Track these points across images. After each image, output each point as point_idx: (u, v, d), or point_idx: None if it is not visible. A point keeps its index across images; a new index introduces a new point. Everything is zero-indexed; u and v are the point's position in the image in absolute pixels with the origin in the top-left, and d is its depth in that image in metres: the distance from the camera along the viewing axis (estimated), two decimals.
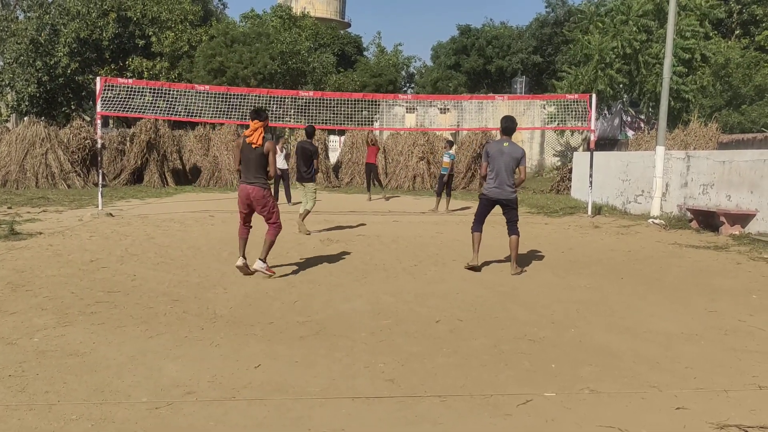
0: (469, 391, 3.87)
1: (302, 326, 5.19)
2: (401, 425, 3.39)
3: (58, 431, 3.23)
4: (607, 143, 30.02)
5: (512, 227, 7.70)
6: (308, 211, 10.97)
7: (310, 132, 11.04)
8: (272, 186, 15.74)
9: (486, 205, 7.88)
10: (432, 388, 3.90)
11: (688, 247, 9.77)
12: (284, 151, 16.87)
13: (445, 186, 15.14)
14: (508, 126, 7.82)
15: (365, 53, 51.55)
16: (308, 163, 10.61)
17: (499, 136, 8.02)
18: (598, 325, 5.39)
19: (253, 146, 6.99)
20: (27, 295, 5.98)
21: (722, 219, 11.13)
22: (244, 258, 7.11)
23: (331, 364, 4.29)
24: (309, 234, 10.57)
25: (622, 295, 6.55)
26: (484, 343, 4.82)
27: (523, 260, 8.48)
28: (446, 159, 15.20)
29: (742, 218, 11.06)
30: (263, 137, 7.05)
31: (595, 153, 14.86)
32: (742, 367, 4.35)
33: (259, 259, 7.05)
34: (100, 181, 13.51)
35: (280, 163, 16.24)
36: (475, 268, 7.64)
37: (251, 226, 7.36)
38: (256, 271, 7.04)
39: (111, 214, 12.68)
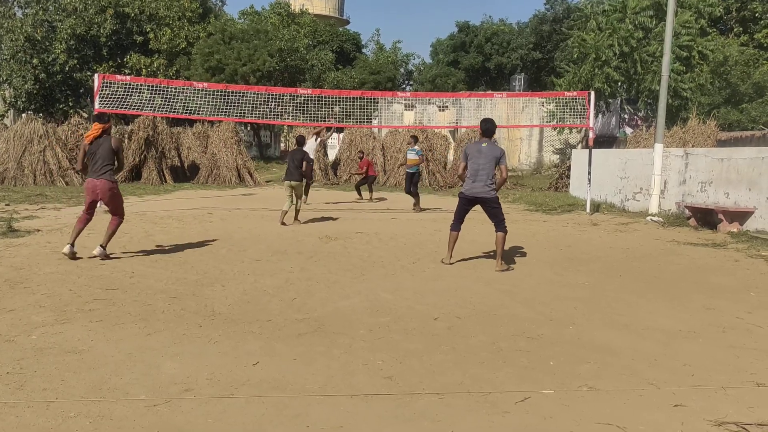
0: (467, 388, 3.87)
1: (300, 323, 5.18)
2: (399, 422, 3.39)
3: (57, 428, 3.22)
4: (605, 141, 30.02)
5: (498, 225, 7.71)
6: (297, 211, 11.79)
7: (300, 141, 12.14)
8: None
9: (464, 204, 7.93)
10: (430, 385, 3.91)
11: (686, 245, 9.78)
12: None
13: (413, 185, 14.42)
14: (488, 128, 7.95)
15: (364, 50, 51.53)
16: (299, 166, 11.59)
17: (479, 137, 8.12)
18: (596, 322, 5.39)
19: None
20: (25, 292, 5.97)
21: (720, 216, 11.14)
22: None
23: (330, 362, 4.29)
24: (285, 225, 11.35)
25: (621, 292, 6.56)
26: (482, 340, 4.82)
27: (521, 257, 8.49)
28: (413, 156, 14.56)
29: (740, 216, 11.07)
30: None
31: (593, 150, 14.86)
32: (740, 365, 4.35)
33: (100, 245, 7.82)
34: None
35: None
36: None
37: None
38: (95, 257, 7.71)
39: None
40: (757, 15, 30.23)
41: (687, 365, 4.32)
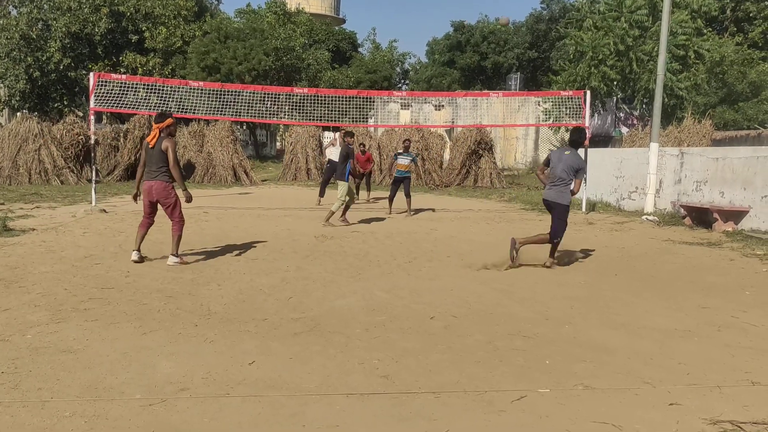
0: (464, 387, 3.87)
1: (296, 323, 5.18)
2: (395, 421, 3.39)
3: (52, 428, 3.21)
4: (600, 140, 30.07)
5: (553, 233, 7.72)
6: (332, 212, 11.31)
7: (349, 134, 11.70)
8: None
9: (545, 206, 8.11)
10: (426, 384, 3.91)
11: (682, 244, 9.80)
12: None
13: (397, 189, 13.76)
14: (574, 139, 8.01)
15: (360, 49, 51.47)
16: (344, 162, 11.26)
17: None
18: (592, 321, 5.40)
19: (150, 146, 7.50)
20: (20, 291, 5.95)
21: (715, 216, 11.18)
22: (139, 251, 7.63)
23: (326, 361, 4.28)
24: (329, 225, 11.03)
25: (617, 291, 6.57)
26: (478, 339, 4.83)
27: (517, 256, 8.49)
28: (405, 162, 13.67)
29: (735, 215, 11.11)
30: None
31: (589, 150, 14.88)
32: (735, 363, 4.36)
33: (171, 254, 7.60)
34: (94, 177, 13.45)
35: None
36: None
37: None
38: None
39: (104, 211, 12.63)
40: (751, 15, 30.31)
41: (682, 364, 4.34)
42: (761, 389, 3.90)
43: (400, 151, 14.34)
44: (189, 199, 7.66)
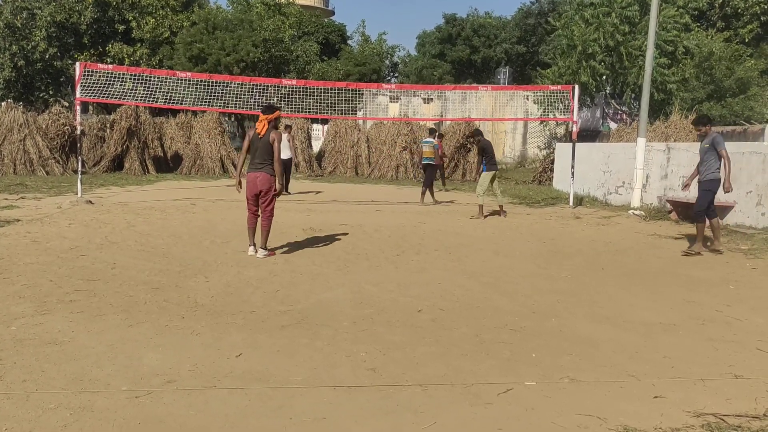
0: (451, 380, 3.89)
1: (284, 315, 5.17)
2: (382, 414, 3.40)
3: (36, 420, 3.19)
4: (588, 134, 30.18)
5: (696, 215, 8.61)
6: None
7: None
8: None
9: None
10: (413, 377, 3.92)
11: (668, 239, 9.88)
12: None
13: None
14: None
15: (349, 42, 51.25)
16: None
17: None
18: (578, 315, 5.43)
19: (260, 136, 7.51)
20: (4, 282, 5.89)
21: None
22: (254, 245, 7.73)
23: (313, 354, 4.29)
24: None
25: (603, 285, 6.62)
26: (465, 332, 4.84)
27: (505, 251, 8.52)
28: (428, 148, 15.07)
29: (720, 210, 11.18)
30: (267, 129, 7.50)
31: (577, 144, 14.94)
32: (718, 357, 4.41)
33: (260, 247, 7.66)
34: (80, 168, 13.32)
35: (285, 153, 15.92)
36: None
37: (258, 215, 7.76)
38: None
39: (90, 202, 12.53)
40: (739, 11, 30.47)
41: (667, 357, 4.38)
42: (744, 382, 3.94)
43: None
44: (280, 193, 7.73)
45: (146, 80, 14.93)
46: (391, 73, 55.49)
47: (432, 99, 34.39)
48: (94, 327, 4.68)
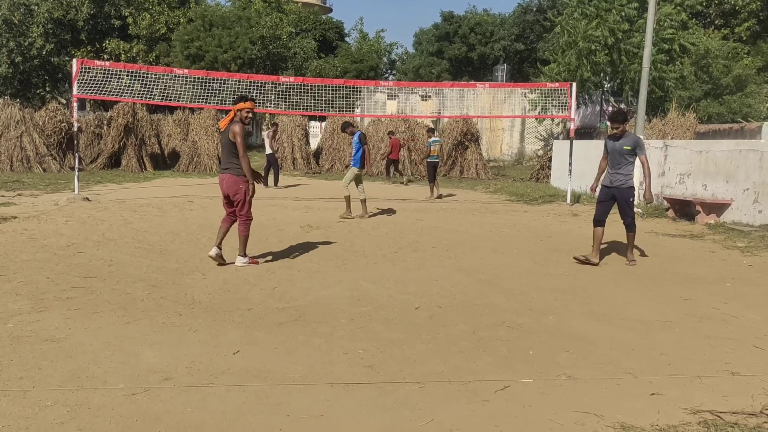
0: (448, 377, 3.89)
1: (281, 312, 5.17)
2: (380, 411, 3.40)
3: (33, 417, 3.19)
4: (586, 132, 30.19)
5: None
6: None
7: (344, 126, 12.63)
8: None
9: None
10: (411, 374, 3.92)
11: (665, 236, 9.89)
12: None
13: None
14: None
15: (347, 39, 51.19)
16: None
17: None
18: (575, 312, 5.44)
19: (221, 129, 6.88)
20: (1, 280, 5.88)
21: (698, 208, 11.28)
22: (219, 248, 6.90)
23: (310, 351, 4.28)
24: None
25: (600, 282, 6.62)
26: (462, 329, 4.85)
27: (502, 248, 8.53)
28: (436, 147, 15.63)
29: (717, 207, 11.22)
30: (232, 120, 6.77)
31: (574, 142, 14.94)
32: (715, 354, 4.42)
33: (238, 254, 6.95)
34: (77, 165, 13.30)
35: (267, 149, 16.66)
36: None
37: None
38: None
39: (87, 199, 12.51)
40: (737, 9, 30.49)
41: (664, 355, 4.38)
42: (740, 379, 3.95)
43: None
44: (253, 194, 6.90)
45: (143, 77, 14.90)
46: (389, 71, 55.47)
47: (430, 96, 34.37)
48: (91, 324, 4.68)
